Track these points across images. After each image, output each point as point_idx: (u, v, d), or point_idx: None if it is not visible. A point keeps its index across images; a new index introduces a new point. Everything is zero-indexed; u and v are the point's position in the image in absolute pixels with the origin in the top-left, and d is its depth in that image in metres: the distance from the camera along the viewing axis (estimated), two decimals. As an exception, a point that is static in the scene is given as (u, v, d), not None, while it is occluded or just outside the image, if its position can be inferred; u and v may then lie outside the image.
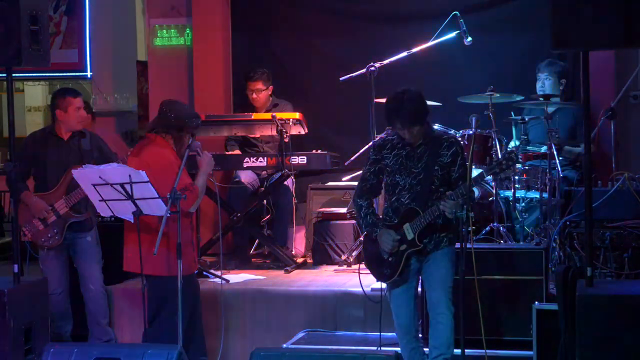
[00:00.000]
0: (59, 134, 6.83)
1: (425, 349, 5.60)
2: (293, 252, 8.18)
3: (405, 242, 5.44)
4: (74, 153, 6.80)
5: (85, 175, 5.72)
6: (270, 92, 8.34)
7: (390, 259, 5.48)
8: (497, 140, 7.15)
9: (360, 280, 6.37)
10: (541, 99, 7.08)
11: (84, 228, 6.82)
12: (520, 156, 6.96)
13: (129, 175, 5.55)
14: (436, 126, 6.56)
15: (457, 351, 5.39)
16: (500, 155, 7.03)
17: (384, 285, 6.18)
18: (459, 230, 5.39)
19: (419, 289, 5.68)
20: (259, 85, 8.27)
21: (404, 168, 5.47)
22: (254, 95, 8.29)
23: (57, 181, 6.72)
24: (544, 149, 6.97)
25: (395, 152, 5.51)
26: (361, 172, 5.80)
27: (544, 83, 7.59)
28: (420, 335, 5.73)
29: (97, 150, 6.89)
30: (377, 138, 6.14)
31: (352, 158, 7.94)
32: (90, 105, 9.05)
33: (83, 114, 6.90)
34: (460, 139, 6.37)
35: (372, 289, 6.79)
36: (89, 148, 6.85)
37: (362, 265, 7.64)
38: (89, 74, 10.52)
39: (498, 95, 7.20)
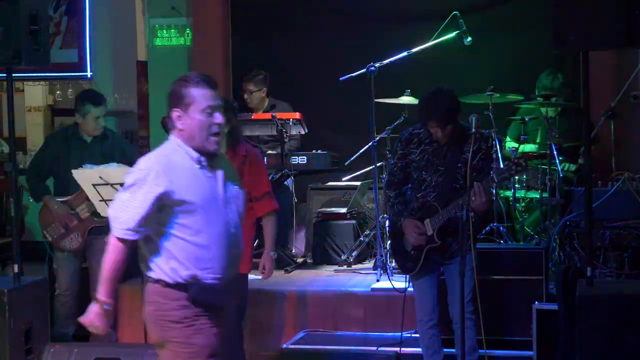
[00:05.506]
0: (82, 136, 6.83)
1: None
2: (293, 252, 8.17)
3: (425, 238, 5.42)
4: (96, 155, 6.72)
5: (86, 175, 5.71)
6: (264, 95, 8.35)
7: (412, 253, 5.47)
8: (497, 140, 7.14)
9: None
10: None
11: (104, 231, 6.77)
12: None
13: (129, 175, 5.53)
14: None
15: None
16: (502, 162, 7.01)
17: (394, 284, 6.20)
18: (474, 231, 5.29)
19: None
20: (250, 87, 8.32)
21: (430, 165, 5.43)
22: (246, 96, 8.34)
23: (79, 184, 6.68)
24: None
25: (422, 148, 5.47)
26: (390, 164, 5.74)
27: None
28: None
29: (120, 152, 6.85)
30: (405, 132, 5.94)
31: (352, 158, 7.94)
32: None
33: (102, 123, 6.85)
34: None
35: (372, 289, 6.80)
36: (111, 150, 6.82)
37: (362, 265, 7.74)
38: (89, 74, 10.49)
39: (498, 95, 7.19)
